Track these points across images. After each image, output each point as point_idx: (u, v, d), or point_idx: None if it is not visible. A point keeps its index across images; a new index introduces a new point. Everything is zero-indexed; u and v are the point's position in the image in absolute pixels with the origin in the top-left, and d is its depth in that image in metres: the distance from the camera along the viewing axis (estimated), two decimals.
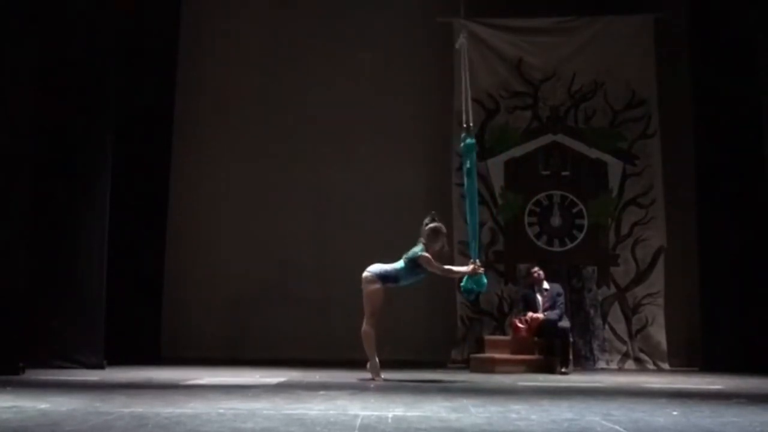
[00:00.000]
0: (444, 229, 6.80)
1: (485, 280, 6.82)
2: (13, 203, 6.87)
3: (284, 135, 10.36)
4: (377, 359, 6.62)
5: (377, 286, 6.61)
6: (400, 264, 6.68)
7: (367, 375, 6.60)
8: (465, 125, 7.18)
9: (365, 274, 6.66)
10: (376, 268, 6.68)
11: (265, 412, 4.01)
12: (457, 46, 7.47)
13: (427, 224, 6.75)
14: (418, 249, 6.65)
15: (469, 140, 7.04)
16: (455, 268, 7.02)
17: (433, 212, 6.92)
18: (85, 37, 7.81)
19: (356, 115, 10.29)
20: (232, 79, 10.51)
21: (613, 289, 9.55)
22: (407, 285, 6.79)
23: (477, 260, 6.78)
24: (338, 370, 7.22)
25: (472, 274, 6.71)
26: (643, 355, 9.34)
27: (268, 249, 10.18)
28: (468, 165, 7.00)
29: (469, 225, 7.09)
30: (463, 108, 7.31)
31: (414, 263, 6.62)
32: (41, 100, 7.17)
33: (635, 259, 9.58)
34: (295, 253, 10.15)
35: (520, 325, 8.32)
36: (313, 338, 9.51)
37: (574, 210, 9.75)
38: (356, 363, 7.08)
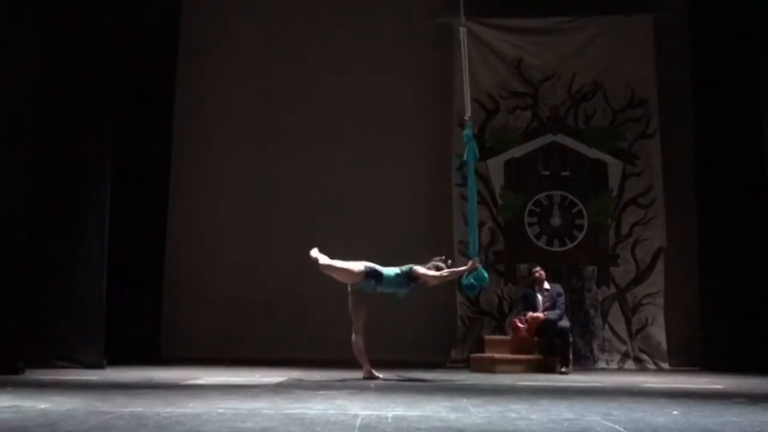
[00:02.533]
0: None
1: (486, 274, 6.88)
2: (13, 203, 6.86)
3: (284, 135, 10.36)
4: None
5: (360, 271, 6.65)
6: (392, 271, 6.73)
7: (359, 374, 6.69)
8: (465, 117, 7.25)
9: (363, 262, 6.75)
10: (370, 264, 6.74)
11: (264, 412, 4.01)
12: (461, 37, 7.50)
13: (435, 259, 6.86)
14: (413, 265, 6.75)
15: (466, 131, 7.10)
16: (452, 270, 6.97)
17: (450, 261, 7.05)
18: (86, 36, 7.81)
19: (356, 116, 10.29)
20: (232, 79, 10.52)
21: (613, 289, 9.54)
22: (386, 293, 6.84)
23: (476, 258, 6.87)
24: (338, 370, 7.22)
25: (471, 271, 6.75)
26: (643, 355, 9.33)
27: (268, 249, 10.17)
28: (463, 157, 7.04)
29: (469, 219, 7.15)
30: (465, 99, 7.34)
31: (407, 276, 6.70)
32: (41, 98, 7.17)
33: (635, 259, 9.57)
34: (294, 252, 10.10)
35: (520, 324, 8.31)
36: (312, 338, 9.49)
37: (574, 210, 9.75)
38: (356, 363, 7.07)
